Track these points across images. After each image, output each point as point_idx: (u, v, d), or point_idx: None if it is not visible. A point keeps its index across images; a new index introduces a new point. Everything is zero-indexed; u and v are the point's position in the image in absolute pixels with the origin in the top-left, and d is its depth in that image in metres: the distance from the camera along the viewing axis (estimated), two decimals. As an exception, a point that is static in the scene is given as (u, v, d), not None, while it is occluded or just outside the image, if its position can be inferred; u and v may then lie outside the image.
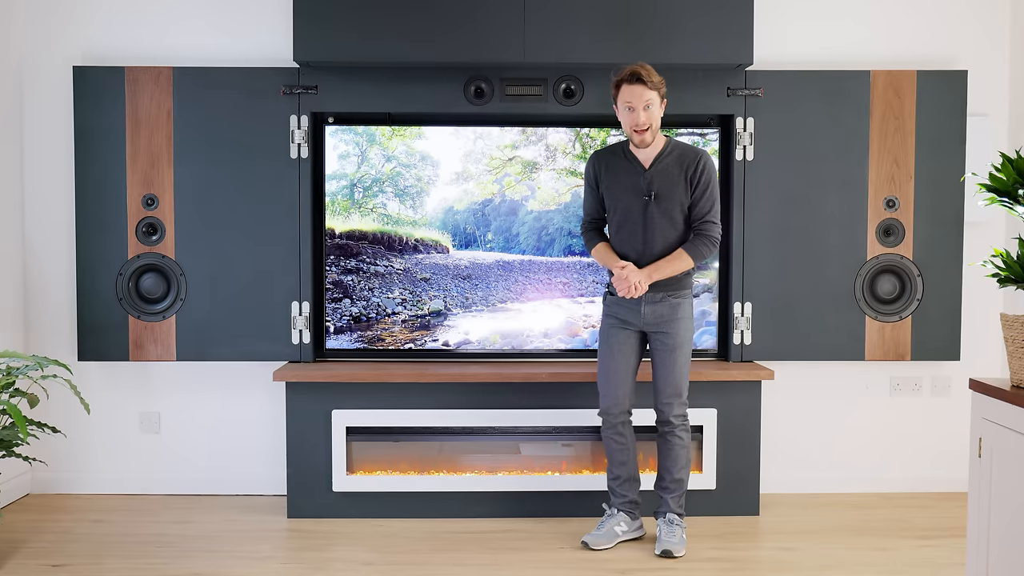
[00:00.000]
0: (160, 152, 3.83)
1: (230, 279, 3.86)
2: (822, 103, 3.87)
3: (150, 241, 3.84)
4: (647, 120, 3.28)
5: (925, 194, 3.89)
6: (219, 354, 3.88)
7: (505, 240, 3.99)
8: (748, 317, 3.91)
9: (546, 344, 3.96)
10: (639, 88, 3.25)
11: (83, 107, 3.82)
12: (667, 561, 3.31)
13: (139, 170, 3.84)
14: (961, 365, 4.03)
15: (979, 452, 2.49)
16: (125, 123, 3.82)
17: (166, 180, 3.84)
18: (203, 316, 3.86)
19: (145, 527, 3.65)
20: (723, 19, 3.70)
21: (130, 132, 3.82)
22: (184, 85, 3.82)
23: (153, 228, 3.84)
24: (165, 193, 3.84)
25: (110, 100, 3.81)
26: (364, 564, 3.30)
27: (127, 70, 3.81)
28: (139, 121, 3.82)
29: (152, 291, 3.84)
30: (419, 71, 3.84)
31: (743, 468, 3.81)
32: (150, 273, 3.84)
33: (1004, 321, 2.41)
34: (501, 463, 3.81)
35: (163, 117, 3.82)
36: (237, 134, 3.84)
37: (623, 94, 3.29)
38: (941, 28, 4.07)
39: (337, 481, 3.76)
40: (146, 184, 3.84)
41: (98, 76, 3.81)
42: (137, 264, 3.83)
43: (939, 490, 4.12)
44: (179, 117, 3.82)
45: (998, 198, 2.40)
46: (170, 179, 3.84)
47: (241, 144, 3.84)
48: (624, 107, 3.29)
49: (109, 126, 3.82)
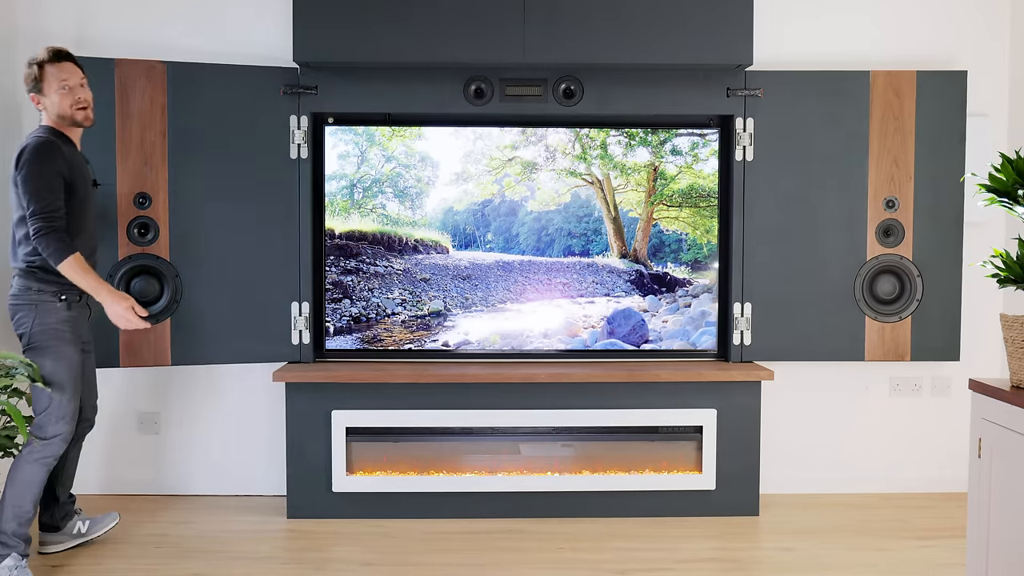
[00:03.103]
0: (153, 149, 3.71)
1: (228, 280, 3.82)
2: (822, 103, 3.87)
3: (143, 241, 3.73)
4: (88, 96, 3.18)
5: (925, 194, 3.89)
6: (216, 356, 3.85)
7: (505, 240, 3.99)
8: (748, 317, 3.91)
9: (546, 344, 3.96)
10: (70, 65, 3.14)
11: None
12: (667, 561, 3.31)
13: (130, 167, 3.70)
14: (961, 365, 4.03)
15: (979, 452, 2.49)
16: (115, 117, 3.67)
17: (160, 178, 3.72)
18: (200, 318, 3.80)
19: (145, 527, 3.66)
20: (723, 19, 3.70)
21: (120, 127, 3.68)
22: (179, 81, 3.72)
23: (146, 228, 3.73)
24: (159, 192, 3.72)
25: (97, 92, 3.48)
26: (364, 564, 3.30)
27: (116, 62, 3.67)
28: (130, 115, 3.68)
29: (145, 293, 3.72)
30: (419, 71, 3.84)
31: (743, 468, 3.81)
32: (142, 275, 3.73)
33: (1004, 321, 2.41)
34: (501, 463, 3.81)
35: (156, 113, 3.70)
36: (236, 133, 3.79)
37: (59, 72, 3.11)
38: (941, 28, 4.07)
39: (337, 481, 3.76)
40: (138, 182, 3.71)
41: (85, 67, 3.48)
42: (129, 265, 3.71)
43: (939, 490, 4.12)
44: (173, 113, 3.72)
45: (998, 198, 2.40)
46: (164, 177, 3.72)
47: (239, 144, 3.79)
48: (61, 86, 3.11)
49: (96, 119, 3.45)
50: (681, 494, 3.80)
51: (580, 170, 3.95)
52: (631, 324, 3.97)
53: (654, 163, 3.94)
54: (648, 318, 3.97)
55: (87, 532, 3.44)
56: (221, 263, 3.81)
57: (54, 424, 3.11)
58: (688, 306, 3.97)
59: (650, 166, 3.94)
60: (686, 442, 3.81)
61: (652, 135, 3.92)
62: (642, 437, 3.77)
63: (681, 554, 3.39)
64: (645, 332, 3.97)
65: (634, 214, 3.96)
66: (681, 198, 3.95)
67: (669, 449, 3.81)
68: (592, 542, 3.51)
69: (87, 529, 3.45)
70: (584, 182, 3.96)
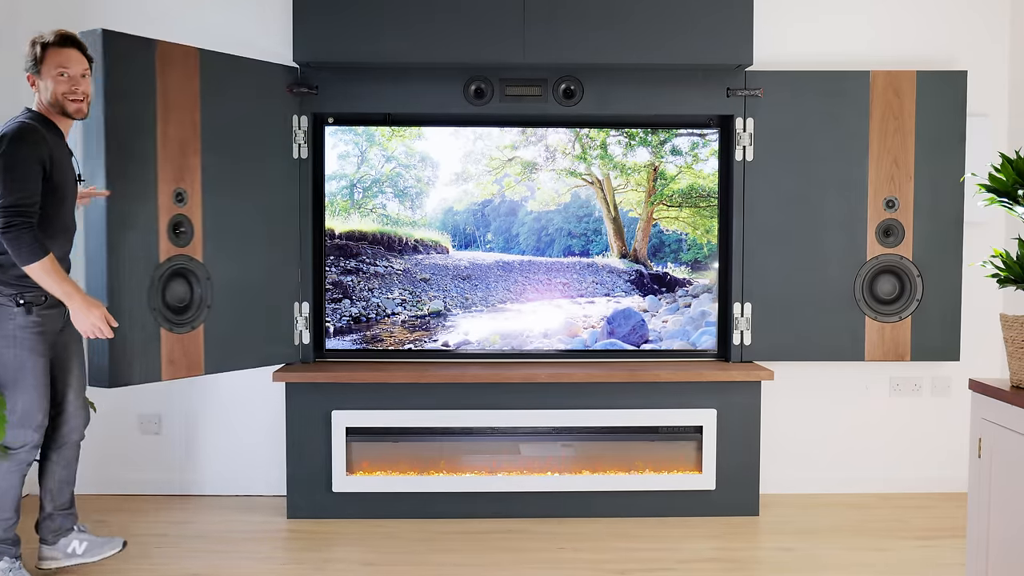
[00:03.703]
0: (188, 140, 3.44)
1: (244, 282, 3.70)
2: (822, 103, 3.87)
3: (179, 242, 3.45)
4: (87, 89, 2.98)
5: (925, 194, 3.89)
6: (241, 362, 3.70)
7: (505, 240, 3.99)
8: (748, 317, 3.91)
9: (546, 344, 3.96)
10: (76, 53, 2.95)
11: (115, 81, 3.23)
12: (668, 561, 3.31)
13: (170, 160, 3.39)
14: (961, 365, 4.03)
15: (979, 452, 2.49)
16: (156, 104, 3.35)
17: (194, 173, 3.47)
18: (226, 323, 3.62)
19: (145, 527, 3.65)
20: (723, 19, 3.70)
21: (161, 116, 3.36)
22: (210, 70, 3.51)
23: (181, 226, 3.45)
24: (194, 187, 3.48)
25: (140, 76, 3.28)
26: (364, 564, 3.30)
27: (158, 44, 3.35)
28: (169, 104, 3.37)
29: (181, 299, 3.46)
30: (419, 71, 3.84)
31: (743, 468, 3.82)
32: (177, 279, 3.45)
33: (1004, 321, 2.41)
34: (501, 463, 3.81)
35: (191, 102, 3.43)
36: (251, 129, 3.69)
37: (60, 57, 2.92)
38: (941, 28, 4.07)
39: (337, 481, 3.76)
40: (176, 177, 3.42)
41: (131, 47, 3.28)
42: (167, 268, 3.41)
43: (939, 490, 4.12)
44: (205, 104, 3.50)
45: (998, 198, 2.40)
46: (198, 172, 3.48)
47: (252, 140, 3.70)
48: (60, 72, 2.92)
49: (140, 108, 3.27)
50: (681, 494, 3.80)
51: (580, 170, 3.95)
52: (631, 324, 3.97)
53: (654, 163, 3.94)
54: (648, 318, 3.97)
55: (83, 554, 3.24)
56: (240, 265, 3.68)
57: (18, 432, 2.95)
58: (688, 306, 3.97)
59: (650, 166, 3.94)
60: (686, 442, 3.81)
61: (652, 135, 3.92)
62: (642, 437, 3.77)
63: (681, 554, 3.39)
64: (645, 332, 3.97)
65: (634, 214, 3.96)
66: (681, 198, 3.95)
67: (669, 449, 3.81)
68: (592, 542, 3.52)
69: (83, 551, 3.24)
70: (584, 182, 3.96)
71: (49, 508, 3.22)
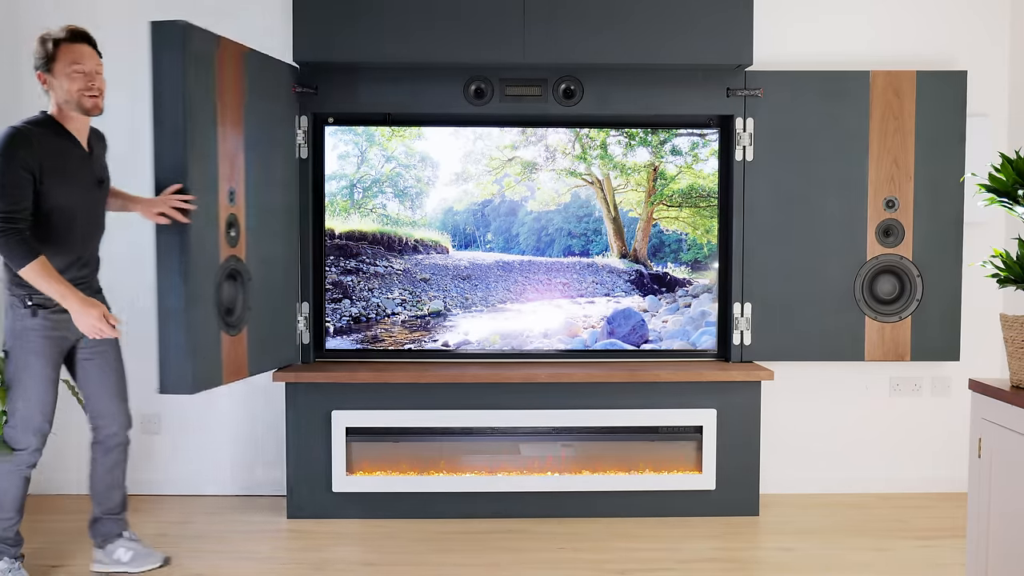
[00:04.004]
0: (236, 138, 3.40)
1: (268, 282, 3.64)
2: (822, 103, 3.87)
3: (232, 242, 3.39)
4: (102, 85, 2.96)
5: (925, 194, 3.89)
6: (268, 363, 3.65)
7: (505, 241, 3.99)
8: (748, 317, 3.91)
9: (546, 344, 3.96)
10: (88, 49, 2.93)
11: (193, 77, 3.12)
12: (668, 561, 3.31)
13: (227, 157, 3.33)
14: (961, 365, 4.03)
15: (979, 452, 2.49)
16: (216, 101, 3.26)
17: (240, 172, 3.44)
18: (259, 325, 3.57)
19: (145, 527, 3.65)
20: (723, 20, 3.70)
21: (220, 112, 3.28)
22: (252, 68, 3.48)
23: (233, 226, 3.39)
24: (239, 186, 3.43)
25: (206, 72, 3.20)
26: (364, 564, 3.30)
27: (220, 40, 3.28)
28: (225, 102, 3.31)
29: (232, 300, 3.39)
30: (419, 71, 3.84)
31: (743, 468, 3.82)
32: (229, 280, 3.37)
33: (1004, 321, 2.41)
34: (500, 463, 3.81)
35: (238, 99, 3.39)
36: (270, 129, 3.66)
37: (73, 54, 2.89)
38: (941, 28, 4.08)
39: (337, 481, 3.76)
40: (229, 176, 3.36)
41: (204, 42, 3.21)
42: (226, 269, 3.35)
43: (939, 490, 4.12)
44: (248, 102, 3.46)
45: (998, 198, 2.40)
46: (242, 171, 3.45)
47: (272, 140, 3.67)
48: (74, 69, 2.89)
49: (208, 104, 3.20)
50: (681, 494, 3.80)
51: (580, 170, 3.95)
52: (631, 324, 3.97)
53: (654, 163, 3.94)
54: (648, 318, 3.97)
55: (128, 563, 3.22)
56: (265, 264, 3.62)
57: (17, 434, 2.97)
58: (688, 306, 3.97)
59: (650, 166, 3.94)
60: (686, 442, 3.81)
61: (652, 135, 3.92)
62: (642, 437, 3.77)
63: (682, 554, 3.39)
64: (645, 332, 3.97)
65: (634, 214, 3.96)
66: (681, 198, 3.95)
67: (669, 449, 3.81)
68: (592, 542, 3.52)
69: (128, 559, 3.22)
70: (584, 182, 3.96)
71: (97, 512, 3.23)
